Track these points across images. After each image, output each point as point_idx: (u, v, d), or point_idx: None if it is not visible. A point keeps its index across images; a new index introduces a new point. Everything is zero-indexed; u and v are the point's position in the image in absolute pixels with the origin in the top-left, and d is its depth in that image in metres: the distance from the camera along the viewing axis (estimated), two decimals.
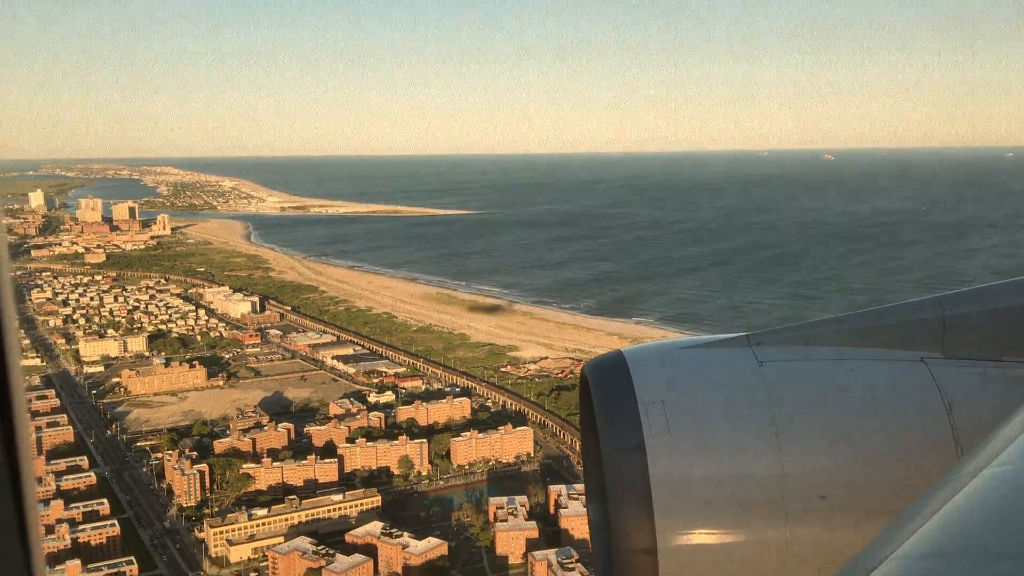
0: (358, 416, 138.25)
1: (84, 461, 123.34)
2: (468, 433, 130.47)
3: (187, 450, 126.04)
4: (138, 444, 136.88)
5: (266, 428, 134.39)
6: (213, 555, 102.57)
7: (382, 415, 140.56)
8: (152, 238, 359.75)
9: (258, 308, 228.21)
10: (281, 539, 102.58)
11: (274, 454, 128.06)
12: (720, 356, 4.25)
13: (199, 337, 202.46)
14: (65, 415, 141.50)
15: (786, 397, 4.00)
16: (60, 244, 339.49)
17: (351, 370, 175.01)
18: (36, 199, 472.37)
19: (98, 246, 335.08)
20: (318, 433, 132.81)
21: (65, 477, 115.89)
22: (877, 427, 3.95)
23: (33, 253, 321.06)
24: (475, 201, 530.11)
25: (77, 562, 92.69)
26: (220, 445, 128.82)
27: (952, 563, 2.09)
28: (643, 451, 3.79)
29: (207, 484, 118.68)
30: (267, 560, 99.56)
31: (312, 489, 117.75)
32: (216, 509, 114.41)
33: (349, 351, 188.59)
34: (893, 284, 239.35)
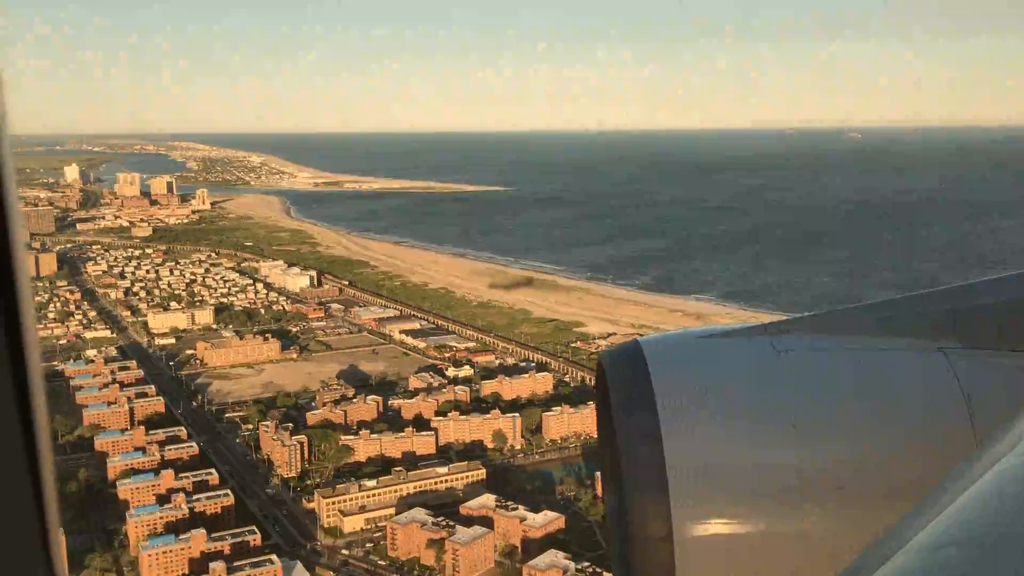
0: (444, 390, 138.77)
1: (183, 431, 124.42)
2: (559, 408, 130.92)
3: (277, 422, 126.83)
4: (227, 415, 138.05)
5: (356, 401, 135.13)
6: (325, 525, 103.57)
7: (466, 389, 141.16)
8: (193, 212, 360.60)
9: (316, 282, 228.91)
10: (392, 510, 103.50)
11: (364, 426, 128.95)
12: (738, 346, 4.23)
13: (262, 311, 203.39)
14: (152, 386, 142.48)
15: (803, 387, 3.99)
16: (103, 218, 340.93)
17: (421, 344, 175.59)
18: (71, 173, 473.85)
19: (142, 220, 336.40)
20: (407, 406, 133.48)
21: (167, 447, 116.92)
22: (895, 418, 3.93)
23: (78, 227, 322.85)
24: (499, 178, 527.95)
25: (202, 531, 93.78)
26: (313, 417, 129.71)
27: (968, 553, 2.09)
28: (659, 440, 3.78)
29: (306, 455, 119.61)
30: (381, 531, 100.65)
31: (411, 461, 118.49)
32: (318, 480, 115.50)
33: (415, 326, 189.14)
34: (929, 263, 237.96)
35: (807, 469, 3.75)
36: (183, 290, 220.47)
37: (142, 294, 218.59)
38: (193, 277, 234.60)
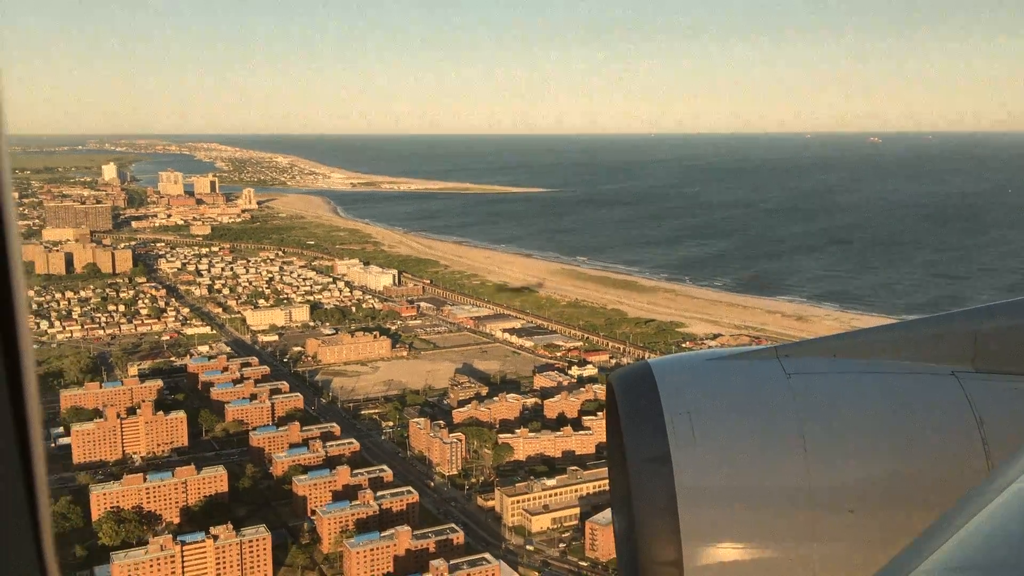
0: (583, 390, 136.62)
1: (335, 428, 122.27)
2: None
3: (429, 419, 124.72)
4: (363, 412, 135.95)
5: (497, 399, 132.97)
6: (510, 524, 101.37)
7: (595, 388, 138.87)
8: (243, 211, 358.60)
9: (397, 281, 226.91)
10: (576, 510, 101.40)
11: (507, 425, 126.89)
12: (748, 368, 4.18)
13: (353, 308, 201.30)
14: (284, 382, 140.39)
15: (814, 410, 3.93)
16: (155, 216, 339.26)
17: (527, 343, 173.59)
18: (109, 172, 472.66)
19: (195, 218, 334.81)
20: (550, 405, 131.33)
21: (329, 444, 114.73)
22: (907, 441, 3.88)
23: (133, 224, 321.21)
24: (538, 180, 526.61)
25: (406, 528, 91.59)
26: (459, 415, 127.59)
27: None
28: (669, 462, 3.74)
29: (463, 453, 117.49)
30: (568, 531, 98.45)
31: (570, 461, 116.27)
32: (480, 479, 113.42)
33: (515, 324, 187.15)
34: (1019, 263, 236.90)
35: (818, 492, 3.70)
36: (264, 287, 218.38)
37: (226, 291, 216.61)
38: (270, 275, 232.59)
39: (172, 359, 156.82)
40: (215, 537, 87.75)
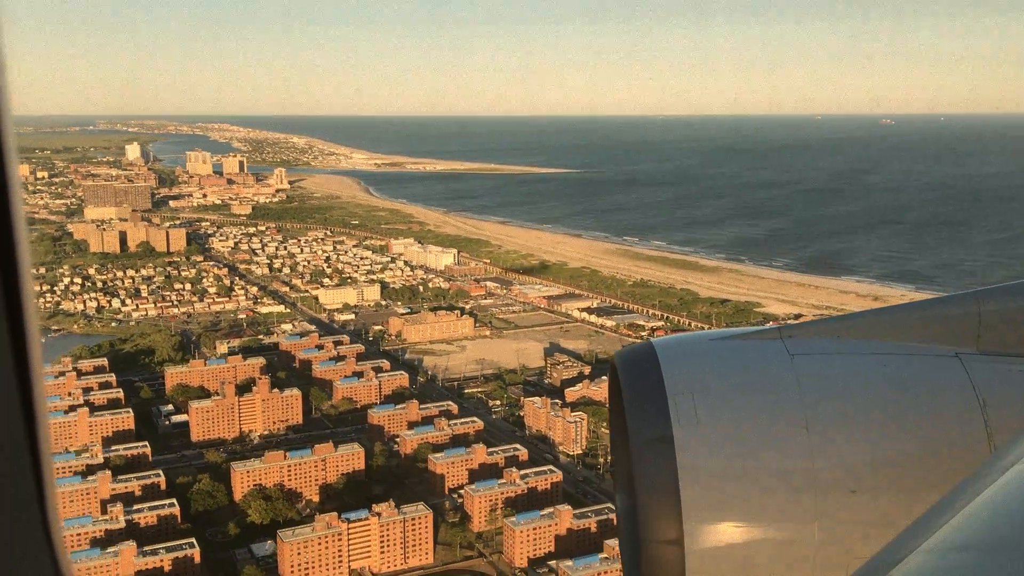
0: None
1: (453, 407, 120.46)
2: None
3: (547, 398, 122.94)
4: (466, 391, 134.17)
5: (604, 378, 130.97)
6: None
7: None
8: (277, 191, 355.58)
9: (456, 260, 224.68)
10: None
11: None
12: (751, 348, 4.19)
13: (421, 288, 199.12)
14: (385, 360, 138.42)
15: (817, 390, 3.95)
16: (191, 195, 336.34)
17: (608, 323, 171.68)
18: (132, 152, 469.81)
19: (231, 198, 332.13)
20: None
21: (453, 422, 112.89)
22: (909, 422, 3.91)
23: (171, 204, 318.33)
24: (565, 160, 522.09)
25: (567, 507, 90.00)
26: (571, 394, 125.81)
27: (981, 556, 2.08)
28: (671, 442, 3.76)
29: (585, 432, 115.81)
30: None
31: None
32: (610, 458, 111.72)
33: (589, 304, 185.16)
34: None
35: (820, 472, 3.73)
36: (324, 267, 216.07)
37: (286, 270, 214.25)
38: (326, 254, 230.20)
39: (260, 337, 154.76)
40: (378, 514, 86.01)
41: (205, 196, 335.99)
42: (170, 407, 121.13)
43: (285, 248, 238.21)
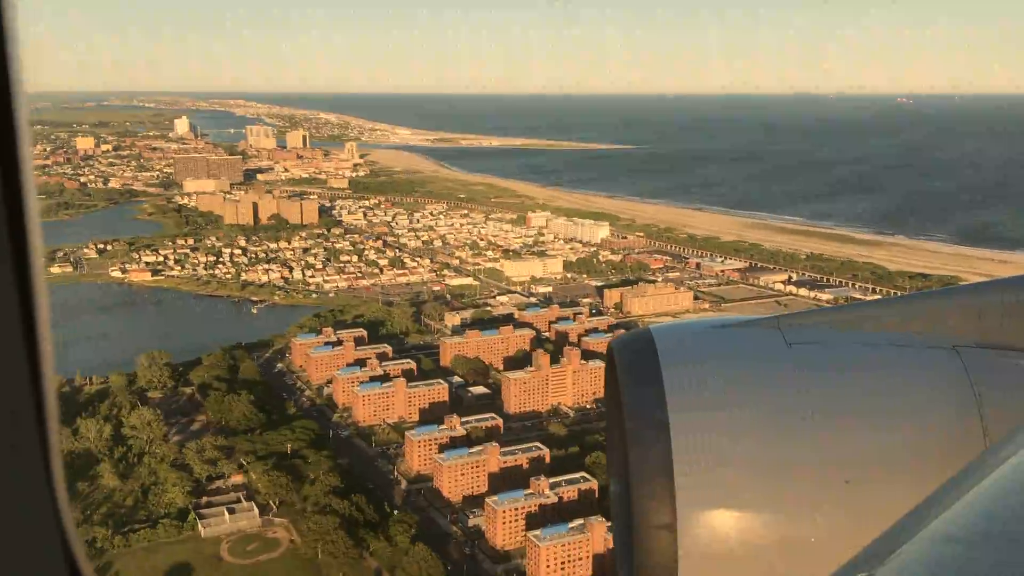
0: None
1: None
2: None
3: None
4: None
5: None
6: None
7: None
8: (355, 166, 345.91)
9: (611, 233, 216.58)
10: None
11: None
12: (749, 337, 4.15)
13: (594, 261, 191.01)
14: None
15: (813, 380, 3.96)
16: (272, 170, 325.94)
17: (824, 296, 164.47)
18: (182, 126, 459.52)
19: (316, 172, 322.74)
20: None
21: None
22: (905, 414, 3.90)
23: (259, 177, 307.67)
24: (615, 137, 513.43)
25: None
26: None
27: (974, 548, 2.09)
28: (667, 429, 3.75)
29: None
30: None
31: None
32: None
33: (783, 277, 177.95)
34: None
35: (814, 462, 3.74)
36: (477, 240, 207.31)
37: (438, 244, 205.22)
38: (466, 227, 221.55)
39: (487, 307, 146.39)
40: None
41: (286, 170, 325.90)
42: (457, 378, 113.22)
43: (418, 221, 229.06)
